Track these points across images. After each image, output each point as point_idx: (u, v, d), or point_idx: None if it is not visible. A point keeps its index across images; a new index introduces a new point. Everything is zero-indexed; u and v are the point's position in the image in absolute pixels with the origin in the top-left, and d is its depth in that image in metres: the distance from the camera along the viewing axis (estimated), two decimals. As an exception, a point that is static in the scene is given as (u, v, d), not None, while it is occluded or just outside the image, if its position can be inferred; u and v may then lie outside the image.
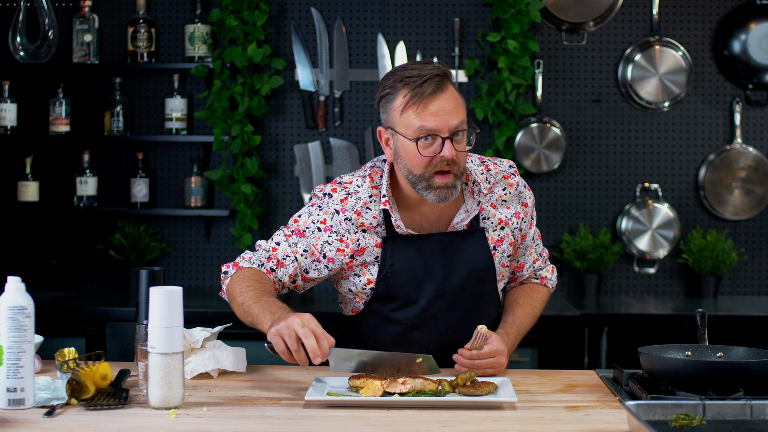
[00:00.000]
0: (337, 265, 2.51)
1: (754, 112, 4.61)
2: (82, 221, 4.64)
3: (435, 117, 2.35)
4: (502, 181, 2.56)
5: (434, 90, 2.35)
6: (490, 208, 2.54)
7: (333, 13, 4.58)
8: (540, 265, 2.72)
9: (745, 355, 2.25)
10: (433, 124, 2.35)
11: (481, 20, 4.56)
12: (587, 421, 2.00)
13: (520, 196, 2.59)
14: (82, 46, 4.45)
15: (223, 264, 2.62)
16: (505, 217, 2.56)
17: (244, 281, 2.44)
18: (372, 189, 2.50)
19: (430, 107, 2.35)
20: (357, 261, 2.51)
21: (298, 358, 2.18)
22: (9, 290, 2.05)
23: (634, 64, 4.55)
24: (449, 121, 2.35)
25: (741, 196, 4.58)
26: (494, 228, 2.54)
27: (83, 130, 4.57)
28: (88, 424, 1.94)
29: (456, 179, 2.40)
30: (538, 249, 2.70)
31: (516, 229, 2.58)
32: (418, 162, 2.38)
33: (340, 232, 2.48)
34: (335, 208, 2.49)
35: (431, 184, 2.39)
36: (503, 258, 2.57)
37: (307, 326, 2.16)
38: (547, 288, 2.74)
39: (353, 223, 2.48)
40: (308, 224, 2.50)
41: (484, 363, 2.39)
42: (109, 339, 3.93)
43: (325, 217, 2.49)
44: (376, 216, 2.49)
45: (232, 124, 4.41)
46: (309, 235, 2.50)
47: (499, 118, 4.38)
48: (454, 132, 2.36)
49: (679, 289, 4.63)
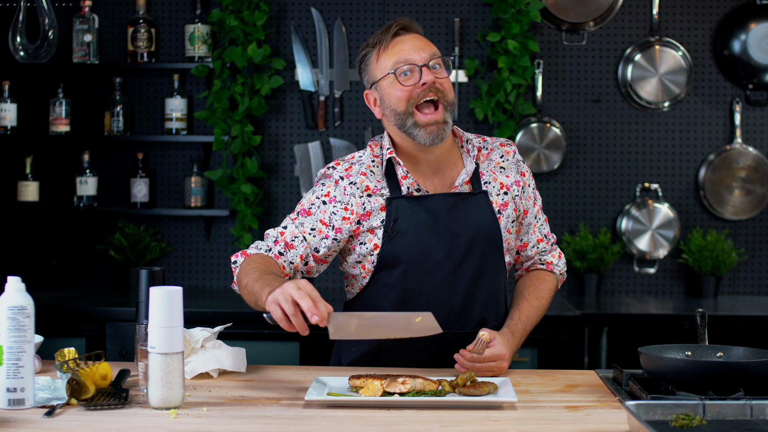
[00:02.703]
0: (345, 234, 2.51)
1: (754, 112, 4.61)
2: (82, 221, 4.64)
3: (406, 50, 2.47)
4: (499, 148, 2.63)
5: (398, 30, 2.49)
6: (490, 173, 2.58)
7: (333, 13, 4.58)
8: (545, 246, 2.70)
9: (745, 355, 2.25)
10: (405, 55, 2.46)
11: (481, 20, 4.56)
12: (587, 421, 2.00)
13: (517, 165, 2.64)
14: (82, 46, 4.45)
15: (232, 255, 2.60)
16: (507, 183, 2.59)
17: (249, 265, 2.43)
18: (374, 156, 2.56)
19: (399, 44, 2.48)
20: (363, 227, 2.51)
21: (297, 324, 2.11)
22: (9, 290, 2.05)
23: (634, 64, 4.55)
24: (421, 52, 2.46)
25: (741, 196, 4.58)
26: (497, 192, 2.57)
27: (83, 130, 4.57)
28: (88, 424, 1.94)
29: (445, 112, 2.47)
30: (543, 230, 2.69)
31: (517, 196, 2.60)
32: (400, 96, 2.46)
33: (344, 201, 2.50)
34: (339, 176, 2.53)
35: (417, 121, 2.46)
36: (508, 223, 2.57)
37: (302, 289, 2.12)
38: (553, 275, 2.71)
39: (358, 187, 2.51)
40: (313, 201, 2.53)
41: (484, 366, 2.38)
42: (109, 339, 3.93)
43: (328, 190, 2.52)
44: (380, 179, 2.52)
45: (232, 124, 4.41)
46: (315, 211, 2.51)
47: (499, 118, 4.38)
48: (428, 61, 2.45)
49: (679, 289, 4.63)
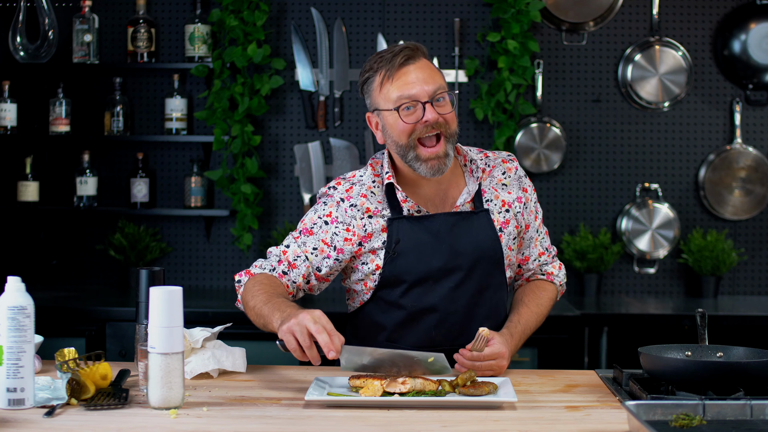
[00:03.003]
0: (346, 255, 2.52)
1: (754, 112, 4.61)
2: (82, 221, 4.64)
3: (410, 84, 2.43)
4: (501, 165, 2.63)
5: (405, 60, 2.45)
6: (492, 191, 2.58)
7: (333, 13, 4.58)
8: (546, 259, 2.71)
9: (745, 355, 2.25)
10: (409, 91, 2.43)
11: (481, 20, 4.56)
12: (587, 421, 2.00)
13: (519, 181, 2.64)
14: (82, 46, 4.44)
15: (235, 273, 2.63)
16: (508, 200, 2.59)
17: (255, 286, 2.45)
18: (374, 176, 2.55)
19: (404, 77, 2.44)
20: (365, 248, 2.52)
21: (311, 355, 2.17)
22: (9, 290, 2.05)
23: (634, 64, 4.55)
24: (425, 86, 2.43)
25: (741, 196, 4.57)
26: (499, 210, 2.57)
27: (83, 130, 4.57)
28: (88, 424, 1.94)
29: (447, 144, 2.46)
30: (544, 243, 2.71)
31: (519, 213, 2.60)
32: (402, 130, 2.45)
33: (346, 222, 2.51)
34: (340, 197, 2.53)
35: (419, 155, 2.46)
36: (509, 241, 2.58)
37: (318, 322, 2.16)
38: (554, 285, 2.73)
39: (358, 209, 2.51)
40: (315, 220, 2.54)
41: (484, 365, 2.39)
42: (109, 339, 3.93)
43: (330, 210, 2.52)
44: (381, 201, 2.52)
45: (232, 124, 4.41)
46: (317, 231, 2.52)
47: (499, 118, 4.38)
48: (433, 96, 2.43)
49: (679, 289, 4.63)
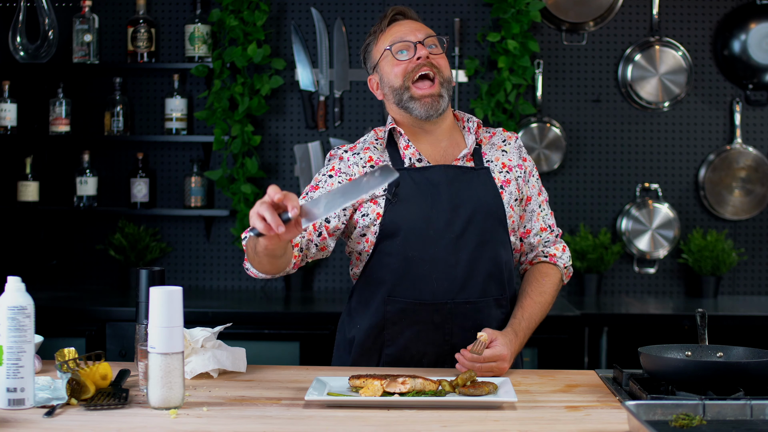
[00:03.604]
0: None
1: (754, 112, 4.61)
2: (82, 221, 4.64)
3: (402, 32, 2.59)
4: (501, 133, 2.71)
5: (395, 15, 2.64)
6: (493, 153, 2.64)
7: (333, 13, 4.58)
8: (548, 236, 2.69)
9: (745, 355, 2.25)
10: (401, 35, 2.58)
11: (481, 20, 4.56)
12: (587, 421, 2.00)
13: (519, 150, 2.69)
14: (82, 46, 4.44)
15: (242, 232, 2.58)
16: (509, 164, 2.64)
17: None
18: (378, 138, 2.66)
19: (396, 28, 2.61)
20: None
21: (274, 223, 2.07)
22: (9, 290, 2.05)
23: (634, 64, 4.55)
24: (416, 32, 2.59)
25: (741, 196, 4.58)
26: (500, 170, 2.62)
27: (83, 130, 4.57)
28: (88, 424, 1.94)
29: (441, 87, 2.56)
30: (547, 221, 2.70)
31: (520, 178, 2.64)
32: (397, 71, 2.56)
33: (348, 172, 2.58)
34: (344, 152, 2.63)
35: (413, 95, 2.55)
36: (511, 200, 2.60)
37: (269, 192, 2.10)
38: (557, 268, 2.68)
39: (361, 157, 2.60)
40: (319, 178, 2.61)
41: (484, 367, 2.38)
42: (109, 339, 3.93)
43: (333, 165, 2.61)
44: (383, 153, 2.60)
45: (232, 124, 4.41)
46: (322, 185, 2.57)
47: (499, 118, 4.38)
48: (424, 39, 2.57)
49: (679, 289, 4.63)
